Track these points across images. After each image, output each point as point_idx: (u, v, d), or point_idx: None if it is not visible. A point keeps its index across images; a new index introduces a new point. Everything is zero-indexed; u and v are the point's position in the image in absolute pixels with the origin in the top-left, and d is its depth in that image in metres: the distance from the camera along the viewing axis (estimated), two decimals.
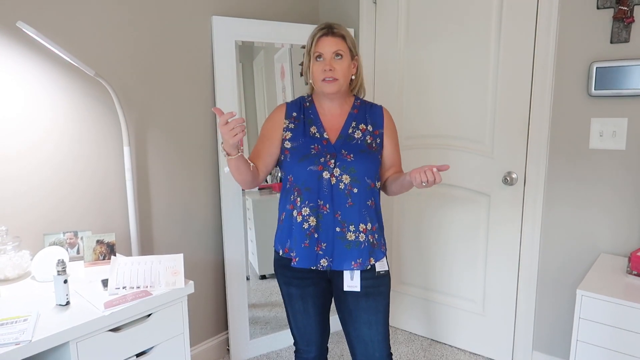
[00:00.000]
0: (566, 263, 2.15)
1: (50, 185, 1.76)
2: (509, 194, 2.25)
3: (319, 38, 1.50)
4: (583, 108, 2.02)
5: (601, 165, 2.01)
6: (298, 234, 1.50)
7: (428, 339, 2.64)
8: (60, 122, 1.76)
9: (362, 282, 1.52)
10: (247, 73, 2.35)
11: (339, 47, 1.49)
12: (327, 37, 1.49)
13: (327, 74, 1.47)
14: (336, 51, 1.48)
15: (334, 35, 1.49)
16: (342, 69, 1.49)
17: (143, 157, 2.04)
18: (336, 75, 1.48)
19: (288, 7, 2.58)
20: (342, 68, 1.49)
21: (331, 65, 1.48)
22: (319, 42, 1.49)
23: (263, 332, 2.47)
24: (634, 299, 1.56)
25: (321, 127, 1.55)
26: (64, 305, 1.35)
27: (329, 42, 1.49)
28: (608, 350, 1.62)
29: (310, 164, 1.48)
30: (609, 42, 1.93)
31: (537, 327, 2.28)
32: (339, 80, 1.49)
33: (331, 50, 1.48)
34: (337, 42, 1.49)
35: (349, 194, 1.48)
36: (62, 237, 1.71)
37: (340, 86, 1.51)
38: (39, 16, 1.66)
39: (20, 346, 1.14)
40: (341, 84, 1.50)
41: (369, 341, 1.56)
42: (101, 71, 1.86)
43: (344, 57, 1.50)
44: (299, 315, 1.63)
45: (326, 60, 1.48)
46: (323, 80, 1.49)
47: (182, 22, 2.11)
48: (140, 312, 1.40)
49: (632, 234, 1.98)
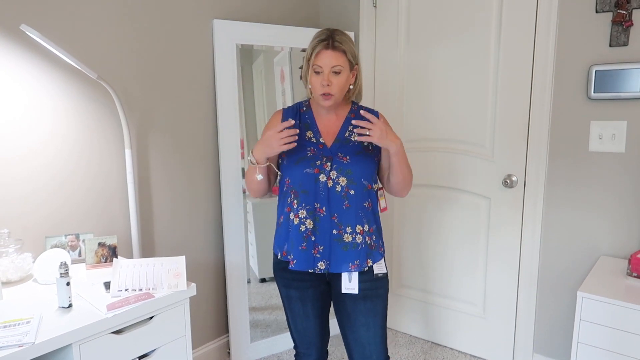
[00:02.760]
0: (566, 265, 2.16)
1: (52, 188, 1.76)
2: (509, 196, 2.26)
3: (319, 52, 1.46)
4: (582, 111, 2.03)
5: (601, 168, 2.02)
6: (295, 236, 1.51)
7: (428, 342, 2.64)
8: (62, 124, 1.77)
9: (360, 284, 1.52)
10: (247, 76, 2.36)
11: (338, 62, 1.46)
12: (327, 50, 1.45)
13: (325, 89, 1.47)
14: (334, 66, 1.46)
15: (335, 50, 1.45)
16: (339, 83, 1.48)
17: (144, 160, 2.05)
18: (332, 91, 1.47)
19: (288, 10, 2.59)
20: (340, 83, 1.48)
21: (329, 80, 1.46)
22: (319, 56, 1.46)
23: (263, 335, 2.47)
24: (635, 301, 1.57)
25: (317, 132, 1.56)
26: (67, 307, 1.36)
27: (328, 57, 1.45)
28: (609, 352, 1.63)
29: (306, 167, 1.49)
30: (607, 45, 1.94)
31: (538, 330, 2.28)
32: (334, 95, 1.49)
33: (330, 64, 1.45)
34: (337, 57, 1.46)
35: (346, 196, 1.49)
36: (63, 240, 1.71)
37: (337, 100, 1.51)
38: (42, 20, 1.67)
39: (23, 348, 1.15)
40: (337, 98, 1.50)
41: (366, 344, 1.57)
42: (103, 74, 1.86)
43: (342, 72, 1.48)
44: (298, 317, 1.63)
45: (324, 75, 1.46)
46: (320, 94, 1.49)
47: (184, 26, 2.12)
48: (143, 315, 1.41)
49: (631, 236, 1.99)
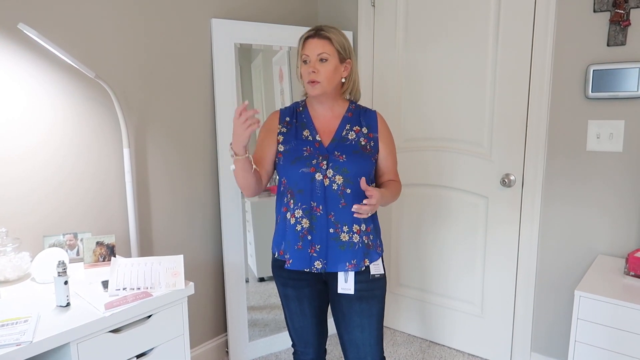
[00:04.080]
0: (564, 264, 2.17)
1: (51, 187, 1.76)
2: (507, 196, 2.26)
3: (305, 40, 1.50)
4: (580, 110, 2.04)
5: (598, 167, 2.03)
6: (291, 236, 1.51)
7: (427, 341, 2.65)
8: (60, 124, 1.76)
9: (356, 285, 1.52)
10: (245, 75, 2.36)
11: (324, 49, 1.48)
12: (313, 39, 1.49)
13: (311, 76, 1.48)
14: (320, 54, 1.47)
15: (320, 38, 1.48)
16: (326, 71, 1.48)
17: (143, 159, 2.05)
18: (318, 78, 1.48)
19: (287, 10, 2.59)
20: (326, 71, 1.48)
21: (315, 67, 1.48)
22: (305, 45, 1.50)
23: (262, 334, 2.47)
24: (632, 300, 1.57)
25: (314, 131, 1.55)
26: (65, 306, 1.35)
27: (314, 45, 1.48)
28: (606, 351, 1.63)
29: (302, 166, 1.49)
30: (605, 45, 1.95)
31: (536, 329, 2.29)
32: (321, 83, 1.48)
33: (316, 52, 1.48)
34: (322, 44, 1.48)
35: (342, 194, 1.48)
36: (61, 239, 1.71)
37: (324, 89, 1.50)
38: (40, 18, 1.67)
39: (21, 347, 1.15)
40: (324, 86, 1.49)
41: (361, 345, 1.56)
42: (101, 73, 1.86)
43: (329, 60, 1.48)
44: (296, 316, 1.63)
45: (311, 63, 1.48)
46: (308, 82, 1.50)
47: (182, 25, 2.12)
48: (141, 313, 1.41)
49: (629, 236, 1.99)
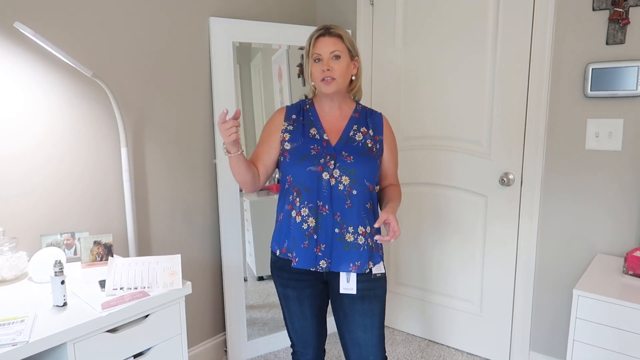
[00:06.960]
0: (563, 263, 2.16)
1: (48, 187, 1.75)
2: (505, 194, 2.26)
3: (316, 39, 1.50)
4: (579, 109, 2.03)
5: (597, 166, 2.02)
6: (297, 234, 1.50)
7: (426, 340, 2.64)
8: (57, 123, 1.76)
9: (358, 284, 1.51)
10: (245, 74, 2.35)
11: (336, 47, 1.48)
12: (324, 37, 1.49)
13: (326, 73, 1.48)
14: (333, 51, 1.48)
15: (331, 36, 1.49)
16: (340, 68, 1.49)
17: (140, 158, 2.04)
18: (334, 75, 1.48)
19: (285, 8, 2.59)
20: (340, 68, 1.49)
21: (329, 65, 1.48)
22: (317, 44, 1.49)
23: (261, 334, 2.47)
24: (630, 299, 1.57)
25: (321, 129, 1.55)
26: (62, 306, 1.35)
27: (326, 43, 1.49)
28: (605, 350, 1.63)
29: (310, 165, 1.48)
30: (604, 43, 1.94)
31: (534, 328, 2.29)
32: (336, 80, 1.49)
33: (328, 50, 1.48)
34: (334, 42, 1.49)
35: (348, 195, 1.48)
36: (59, 238, 1.71)
37: (339, 86, 1.50)
38: (36, 17, 1.66)
39: (17, 347, 1.14)
40: (339, 83, 1.50)
41: (363, 344, 1.56)
42: (99, 72, 1.86)
43: (342, 57, 1.49)
44: (296, 317, 1.63)
45: (324, 61, 1.48)
46: (322, 80, 1.49)
47: (180, 23, 2.11)
48: (138, 313, 1.40)
49: (628, 235, 1.99)
